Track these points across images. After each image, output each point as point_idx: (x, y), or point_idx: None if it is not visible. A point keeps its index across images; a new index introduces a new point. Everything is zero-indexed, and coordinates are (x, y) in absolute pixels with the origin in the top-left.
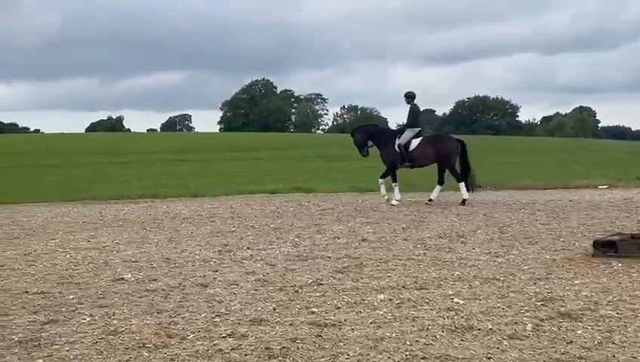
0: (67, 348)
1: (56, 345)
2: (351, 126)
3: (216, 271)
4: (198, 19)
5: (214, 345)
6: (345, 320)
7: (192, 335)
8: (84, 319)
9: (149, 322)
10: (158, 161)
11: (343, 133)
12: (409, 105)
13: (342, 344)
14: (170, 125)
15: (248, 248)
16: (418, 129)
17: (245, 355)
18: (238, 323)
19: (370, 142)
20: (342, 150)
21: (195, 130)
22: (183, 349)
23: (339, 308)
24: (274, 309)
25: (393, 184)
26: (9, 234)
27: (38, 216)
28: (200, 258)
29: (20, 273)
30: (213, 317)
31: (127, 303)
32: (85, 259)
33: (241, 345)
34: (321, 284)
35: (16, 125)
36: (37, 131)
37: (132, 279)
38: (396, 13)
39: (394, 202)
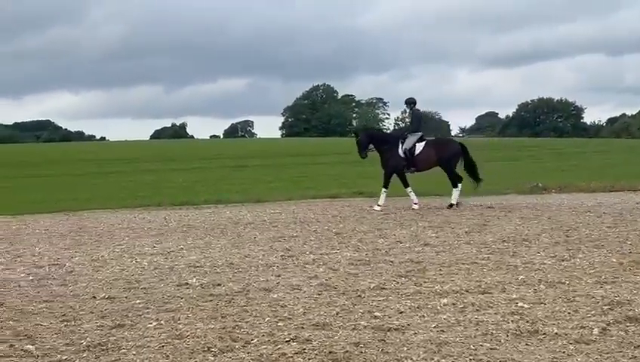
0: (134, 352)
1: (123, 349)
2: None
3: (280, 275)
4: (261, 27)
5: (278, 349)
6: (408, 325)
7: (256, 340)
8: (151, 323)
9: (213, 326)
10: (221, 167)
11: None
12: (411, 111)
13: (405, 348)
14: (232, 131)
15: (311, 253)
16: (420, 134)
17: (309, 359)
18: (302, 328)
19: (371, 146)
20: None
21: (257, 136)
22: (248, 353)
23: (402, 312)
24: (337, 314)
25: (384, 190)
26: (77, 240)
27: (105, 222)
28: (263, 263)
29: (88, 278)
30: (277, 322)
31: (192, 308)
32: (151, 264)
33: (304, 349)
34: (383, 289)
35: (82, 133)
36: (102, 139)
37: (197, 284)
38: (458, 15)
39: (377, 208)
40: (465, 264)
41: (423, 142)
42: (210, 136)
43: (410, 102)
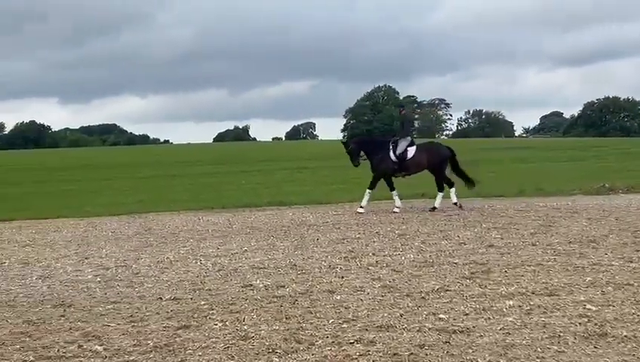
0: (200, 353)
1: (189, 350)
2: (475, 131)
3: (343, 277)
4: (326, 29)
5: (343, 350)
6: (473, 327)
7: (320, 341)
8: (216, 324)
9: (277, 328)
10: (283, 169)
11: (467, 138)
12: (401, 115)
13: (471, 350)
14: (294, 133)
15: (374, 254)
16: (410, 137)
17: (373, 361)
18: (366, 329)
19: (362, 153)
20: (467, 155)
21: (319, 138)
22: (312, 355)
23: (467, 314)
24: (401, 315)
25: (368, 193)
26: (143, 242)
27: (170, 224)
28: (326, 264)
29: (154, 280)
30: (341, 323)
31: (257, 309)
32: (215, 265)
33: (369, 351)
34: (448, 290)
35: (147, 137)
36: (166, 142)
37: (261, 285)
38: (525, 14)
39: (360, 209)
40: (531, 266)
41: (414, 147)
42: (273, 139)
43: (400, 106)
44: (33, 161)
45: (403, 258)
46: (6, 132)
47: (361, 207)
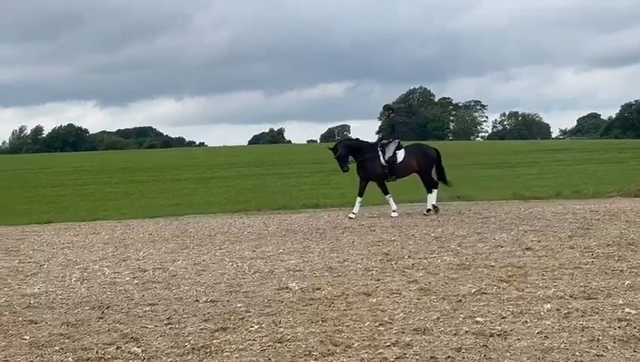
0: (237, 355)
1: (226, 352)
2: (511, 132)
3: (379, 279)
4: (362, 31)
5: (379, 353)
6: (511, 330)
7: (356, 344)
8: (252, 327)
9: (314, 330)
10: (318, 172)
11: (503, 140)
12: (389, 118)
13: (508, 354)
14: (329, 136)
15: (409, 257)
16: (398, 140)
17: None
18: (402, 332)
19: (350, 157)
20: (503, 157)
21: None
22: (349, 357)
23: (504, 317)
24: (437, 318)
25: (359, 198)
26: (180, 244)
27: (206, 226)
28: (362, 267)
29: (191, 282)
30: (377, 326)
31: (293, 311)
32: (251, 268)
33: (405, 354)
34: (484, 293)
35: (183, 139)
36: (202, 145)
37: (296, 288)
38: (563, 15)
39: (351, 215)
40: (568, 269)
41: (402, 150)
42: (308, 141)
43: (388, 109)
44: (71, 164)
45: (439, 260)
46: (44, 135)
47: (352, 213)
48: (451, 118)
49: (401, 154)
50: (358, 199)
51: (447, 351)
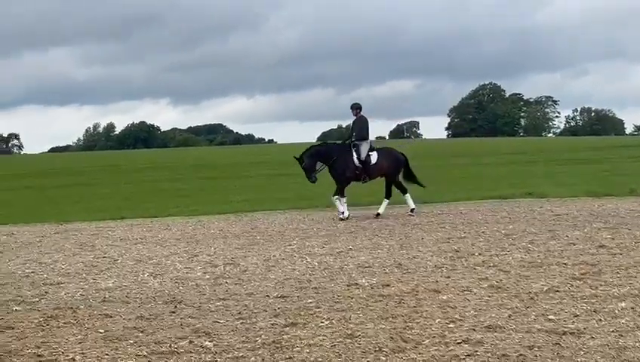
0: (307, 351)
1: (297, 347)
2: (583, 128)
3: (449, 277)
4: (433, 29)
5: (450, 350)
6: (584, 329)
7: (427, 341)
8: (322, 322)
9: (384, 326)
10: None
11: (575, 136)
12: (357, 117)
13: (582, 352)
14: (397, 132)
15: (480, 254)
16: (370, 141)
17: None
18: (473, 330)
19: (320, 165)
20: (575, 154)
21: (423, 137)
22: (419, 354)
23: (577, 315)
24: (509, 316)
25: (343, 198)
26: (250, 240)
27: (275, 222)
28: (432, 264)
29: (261, 277)
30: (448, 323)
31: (363, 308)
32: (321, 264)
33: (476, 351)
34: (557, 291)
35: (252, 136)
36: (270, 141)
37: (366, 284)
38: (637, 10)
39: (341, 215)
40: None
41: (375, 152)
42: (376, 138)
43: (356, 108)
44: (143, 161)
45: (510, 258)
46: (117, 132)
47: (341, 215)
48: (522, 114)
49: (374, 156)
50: (341, 200)
51: (519, 348)
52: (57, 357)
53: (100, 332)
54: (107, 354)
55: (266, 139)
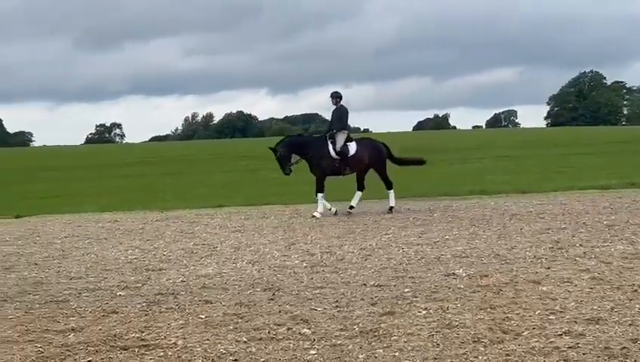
0: (405, 340)
1: (394, 336)
2: None
3: (549, 268)
4: (533, 17)
5: (550, 342)
6: None
7: (526, 332)
8: (420, 312)
9: (482, 317)
10: (484, 158)
11: None
12: (336, 106)
13: None
14: (495, 121)
15: (581, 245)
16: (347, 131)
17: (583, 354)
18: (574, 322)
19: (295, 157)
20: None
21: (521, 126)
22: (519, 345)
23: None
24: (612, 308)
25: (321, 195)
26: (346, 229)
27: (371, 212)
28: (531, 254)
29: (358, 266)
30: (548, 315)
31: (460, 298)
32: (417, 253)
33: (578, 343)
34: None
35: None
36: (366, 130)
37: (464, 274)
38: None
39: (316, 214)
40: None
41: (354, 143)
42: (473, 127)
43: (336, 97)
44: (241, 149)
45: (612, 249)
46: (215, 122)
47: (317, 212)
48: (625, 102)
49: (352, 147)
50: (320, 196)
51: (622, 341)
52: (160, 341)
53: (201, 318)
54: (208, 340)
55: (362, 129)
